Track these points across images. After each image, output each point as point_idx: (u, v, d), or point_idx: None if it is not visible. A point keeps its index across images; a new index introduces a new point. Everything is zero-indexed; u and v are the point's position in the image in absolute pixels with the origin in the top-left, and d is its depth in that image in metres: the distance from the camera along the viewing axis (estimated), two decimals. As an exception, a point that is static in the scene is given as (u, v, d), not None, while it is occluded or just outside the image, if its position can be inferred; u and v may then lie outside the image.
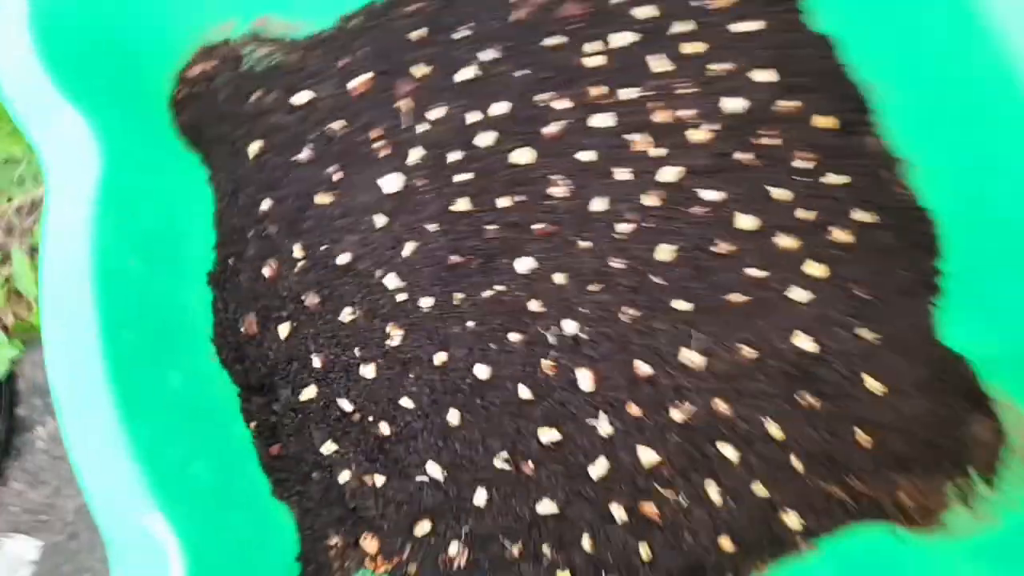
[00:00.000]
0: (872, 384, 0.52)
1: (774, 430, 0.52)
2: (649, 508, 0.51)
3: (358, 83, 0.57)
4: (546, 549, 0.50)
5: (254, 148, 0.56)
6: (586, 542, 0.50)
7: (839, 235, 0.54)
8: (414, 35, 0.58)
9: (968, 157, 0.50)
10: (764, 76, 0.56)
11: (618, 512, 0.51)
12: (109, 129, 0.46)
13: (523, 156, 0.56)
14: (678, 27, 0.57)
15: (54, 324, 0.42)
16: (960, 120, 0.50)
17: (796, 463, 0.51)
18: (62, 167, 0.44)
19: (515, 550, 0.50)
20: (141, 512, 0.39)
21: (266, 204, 0.55)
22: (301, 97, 0.57)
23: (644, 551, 0.50)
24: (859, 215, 0.54)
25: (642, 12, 0.58)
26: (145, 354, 0.45)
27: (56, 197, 0.43)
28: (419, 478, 0.51)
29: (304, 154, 0.56)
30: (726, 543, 0.51)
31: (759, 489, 0.51)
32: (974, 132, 0.49)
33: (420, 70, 0.57)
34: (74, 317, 0.42)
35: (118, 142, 0.46)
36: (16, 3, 0.46)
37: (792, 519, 0.51)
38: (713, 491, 0.51)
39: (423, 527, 0.51)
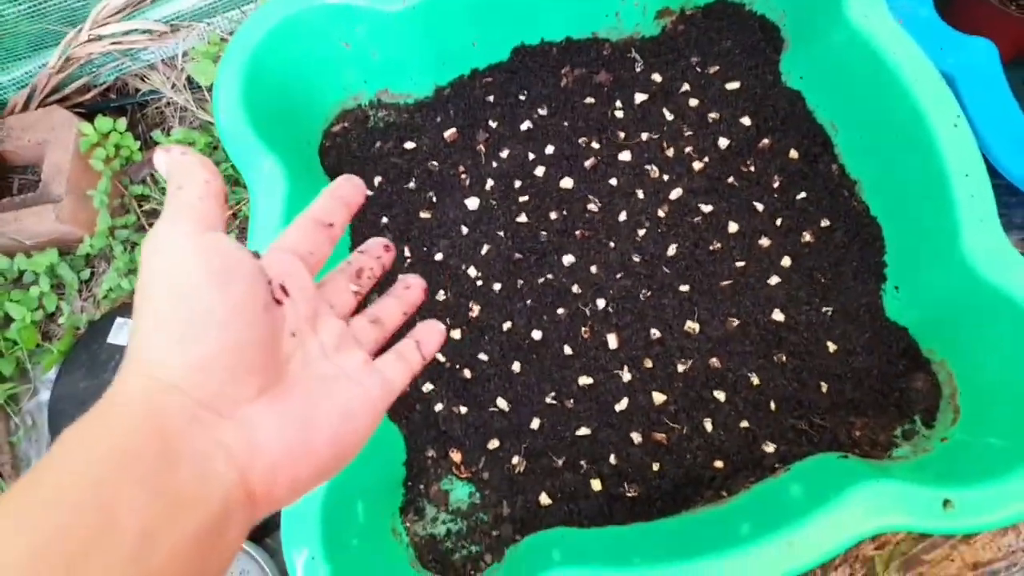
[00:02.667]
0: (830, 346, 0.68)
1: (755, 380, 0.68)
2: (659, 435, 0.67)
3: (449, 134, 0.78)
4: (583, 462, 0.67)
5: (377, 180, 0.77)
6: (612, 458, 0.66)
7: (806, 236, 0.71)
8: (489, 99, 0.79)
9: (896, 177, 0.67)
10: (746, 121, 0.74)
11: (636, 437, 0.67)
12: (288, 167, 0.68)
13: (568, 183, 0.75)
14: (682, 87, 0.77)
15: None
16: (892, 150, 0.67)
17: (772, 405, 0.67)
18: (263, 193, 0.66)
19: (560, 462, 0.67)
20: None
21: (385, 219, 0.76)
22: (409, 144, 0.78)
23: (655, 466, 0.66)
24: (821, 221, 0.71)
25: (656, 77, 0.77)
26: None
27: (261, 202, 0.65)
28: (491, 409, 0.69)
29: (411, 184, 0.77)
30: (718, 463, 0.66)
31: (743, 424, 0.67)
32: (900, 156, 0.66)
33: (493, 123, 0.78)
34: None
35: (293, 177, 0.68)
36: (233, 88, 0.69)
37: (769, 447, 0.66)
38: (708, 425, 0.67)
39: (494, 444, 0.68)
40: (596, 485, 0.66)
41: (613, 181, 0.74)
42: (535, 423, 0.68)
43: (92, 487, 0.21)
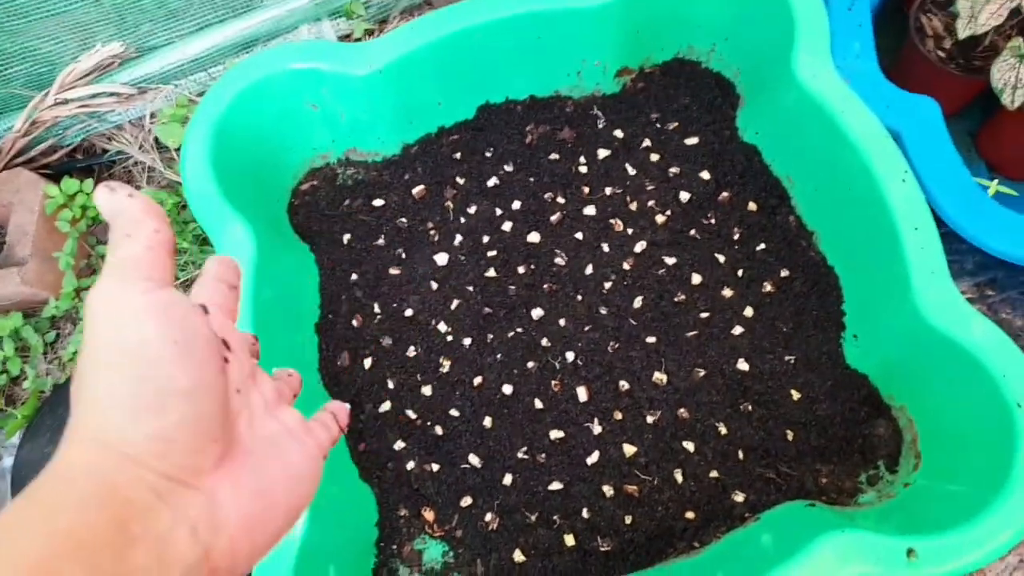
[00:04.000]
0: (794, 394, 0.69)
1: (723, 429, 0.69)
2: (631, 488, 0.67)
3: (417, 190, 0.79)
4: (556, 517, 0.67)
5: (346, 238, 0.78)
6: (585, 512, 0.66)
7: (767, 286, 0.73)
8: (456, 156, 0.80)
9: (850, 229, 0.69)
10: (706, 175, 0.77)
11: (608, 490, 0.67)
12: (255, 229, 0.68)
13: (535, 237, 0.76)
14: (643, 143, 0.79)
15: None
16: (844, 203, 0.69)
17: (740, 454, 0.68)
18: (230, 252, 0.66)
19: (533, 518, 0.67)
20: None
21: (354, 276, 0.76)
22: (378, 202, 0.79)
23: (628, 519, 0.66)
24: (781, 272, 0.73)
25: (618, 133, 0.80)
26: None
27: None
28: (463, 466, 0.69)
29: (380, 240, 0.78)
30: (690, 514, 0.66)
31: (713, 474, 0.67)
32: (853, 210, 0.68)
33: (460, 180, 0.79)
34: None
35: (261, 237, 0.68)
36: (201, 151, 0.69)
37: (739, 496, 0.66)
38: (678, 475, 0.67)
39: (466, 501, 0.68)
40: (570, 540, 0.66)
41: (579, 235, 0.76)
42: (507, 479, 0.68)
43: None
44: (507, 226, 0.77)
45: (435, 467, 0.69)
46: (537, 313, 0.73)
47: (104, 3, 0.75)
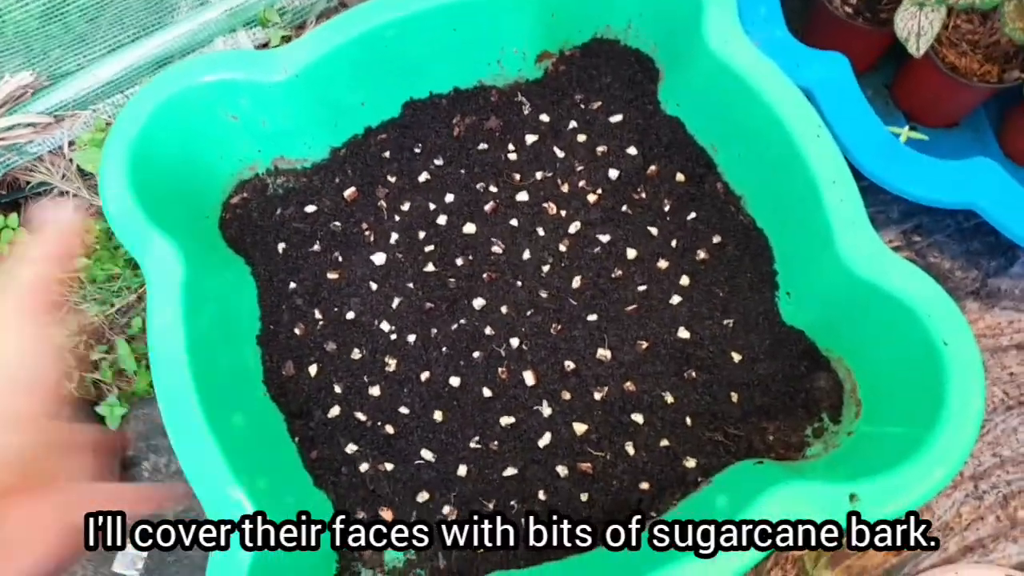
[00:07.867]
0: (735, 356, 0.71)
1: (669, 398, 0.70)
2: (584, 465, 0.68)
3: (349, 193, 0.79)
4: (513, 503, 0.67)
5: (281, 247, 0.77)
6: (542, 494, 0.67)
7: (700, 254, 0.74)
8: (385, 155, 0.80)
9: (774, 189, 0.71)
10: (633, 150, 0.77)
11: (562, 471, 0.68)
12: (185, 247, 0.66)
13: (470, 228, 0.77)
14: (570, 125, 0.80)
15: (164, 384, 0.60)
16: (766, 165, 0.71)
17: (688, 421, 0.69)
18: (158, 275, 0.65)
19: (491, 505, 0.67)
20: (228, 485, 0.58)
21: (292, 284, 0.76)
22: (310, 208, 0.78)
23: (584, 496, 0.67)
24: (713, 238, 0.74)
25: (544, 117, 0.80)
26: (224, 394, 0.64)
27: (156, 295, 0.64)
28: (417, 462, 0.68)
29: (316, 247, 0.77)
30: (644, 485, 0.67)
31: (664, 443, 0.68)
32: (774, 170, 0.70)
33: (391, 178, 0.79)
34: (176, 379, 0.61)
35: (191, 256, 0.66)
36: (118, 172, 0.68)
37: (690, 462, 0.67)
38: (630, 448, 0.68)
39: (423, 496, 0.68)
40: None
41: (514, 222, 0.76)
42: (462, 470, 0.68)
43: None
44: (442, 220, 0.77)
45: (389, 466, 0.69)
46: (479, 303, 0.74)
47: (6, 32, 0.73)
